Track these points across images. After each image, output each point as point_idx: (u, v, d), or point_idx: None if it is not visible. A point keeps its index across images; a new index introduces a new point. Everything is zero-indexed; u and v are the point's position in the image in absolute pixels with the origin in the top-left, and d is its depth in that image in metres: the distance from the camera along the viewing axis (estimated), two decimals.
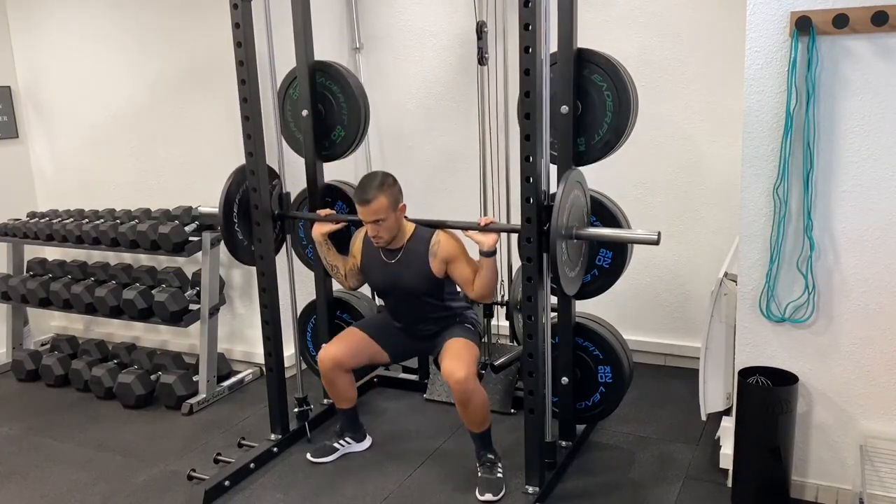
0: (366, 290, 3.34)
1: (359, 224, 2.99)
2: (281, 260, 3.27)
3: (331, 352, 3.00)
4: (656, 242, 2.54)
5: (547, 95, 2.53)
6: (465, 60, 3.97)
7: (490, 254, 2.76)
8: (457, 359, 2.80)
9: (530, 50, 2.42)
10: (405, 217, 2.94)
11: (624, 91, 2.71)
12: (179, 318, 3.79)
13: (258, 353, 3.77)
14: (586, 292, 2.98)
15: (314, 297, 3.48)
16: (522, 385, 3.02)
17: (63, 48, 4.39)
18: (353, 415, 3.20)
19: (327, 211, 3.13)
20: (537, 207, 2.51)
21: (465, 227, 2.82)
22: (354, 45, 4.32)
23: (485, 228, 2.76)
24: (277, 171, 3.20)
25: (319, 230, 3.07)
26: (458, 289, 3.01)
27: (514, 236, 3.41)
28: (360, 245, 3.07)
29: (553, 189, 2.57)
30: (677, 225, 3.81)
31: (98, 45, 4.26)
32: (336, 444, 3.19)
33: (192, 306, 3.84)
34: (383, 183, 2.81)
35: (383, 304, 3.19)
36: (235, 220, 3.13)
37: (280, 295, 3.23)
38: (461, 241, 2.91)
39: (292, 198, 3.35)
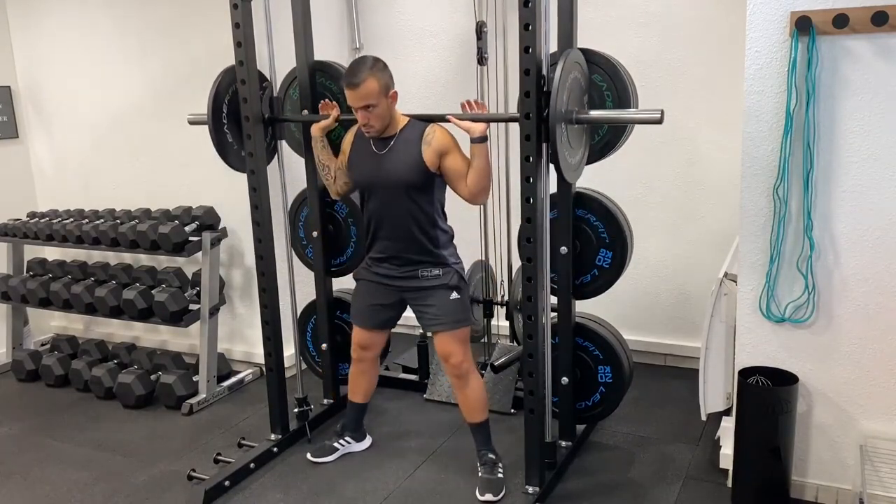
0: None
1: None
2: (281, 260, 3.27)
3: (358, 342, 3.04)
4: (659, 121, 2.46)
5: (547, 38, 2.50)
6: (465, 60, 3.97)
7: (481, 139, 2.65)
8: (451, 341, 2.81)
9: (530, 50, 2.42)
10: (401, 114, 2.83)
11: (624, 91, 2.71)
12: (179, 318, 3.79)
13: (258, 353, 3.77)
14: (586, 292, 2.98)
15: (314, 297, 3.48)
16: (522, 385, 3.02)
17: (63, 48, 4.39)
18: (363, 412, 3.22)
19: (330, 105, 3.01)
20: (536, 94, 2.44)
21: (453, 122, 2.71)
22: (354, 45, 4.32)
23: (474, 119, 2.66)
24: (268, 76, 3.14)
25: (318, 125, 2.98)
26: (447, 214, 2.88)
27: (514, 237, 3.41)
28: (350, 140, 2.93)
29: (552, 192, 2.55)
30: (677, 225, 3.81)
31: (98, 45, 4.26)
32: (336, 444, 3.19)
33: (192, 306, 3.84)
34: (374, 65, 2.65)
35: (367, 221, 2.89)
36: (225, 122, 3.05)
37: (280, 295, 3.22)
38: (456, 138, 2.78)
39: (290, 199, 3.35)
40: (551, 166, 2.53)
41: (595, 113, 2.64)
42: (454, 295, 2.84)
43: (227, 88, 3.04)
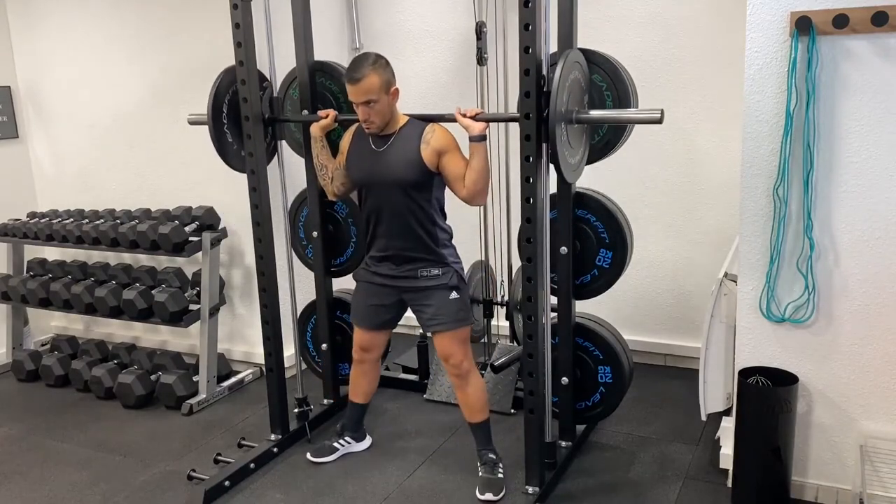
0: None
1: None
2: (281, 261, 3.27)
3: (359, 345, 3.04)
4: (659, 121, 2.46)
5: (547, 35, 2.50)
6: (465, 60, 3.97)
7: (479, 139, 2.65)
8: (451, 341, 2.81)
9: (530, 50, 2.42)
10: (402, 114, 2.83)
11: (624, 91, 2.72)
12: (179, 318, 3.79)
13: (258, 353, 3.77)
14: (586, 292, 2.98)
15: (314, 297, 3.48)
16: (522, 385, 3.02)
17: (63, 48, 4.39)
18: (363, 413, 3.22)
19: (328, 111, 3.00)
20: (536, 94, 2.44)
21: (455, 117, 2.71)
22: (354, 45, 4.32)
23: (475, 118, 2.66)
24: (268, 76, 3.15)
25: (318, 125, 2.97)
26: (446, 213, 2.88)
27: (514, 237, 3.41)
28: (348, 139, 2.92)
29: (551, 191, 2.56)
30: (677, 225, 3.81)
31: (98, 45, 4.26)
32: (336, 444, 3.19)
33: (192, 306, 3.84)
34: (376, 62, 2.66)
35: (365, 221, 2.89)
36: (225, 122, 3.05)
37: (280, 295, 3.22)
38: (455, 138, 2.78)
39: (290, 199, 3.35)
40: (551, 166, 2.53)
41: (595, 113, 2.64)
42: (454, 295, 2.83)
43: (227, 89, 3.04)
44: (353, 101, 2.70)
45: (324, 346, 3.49)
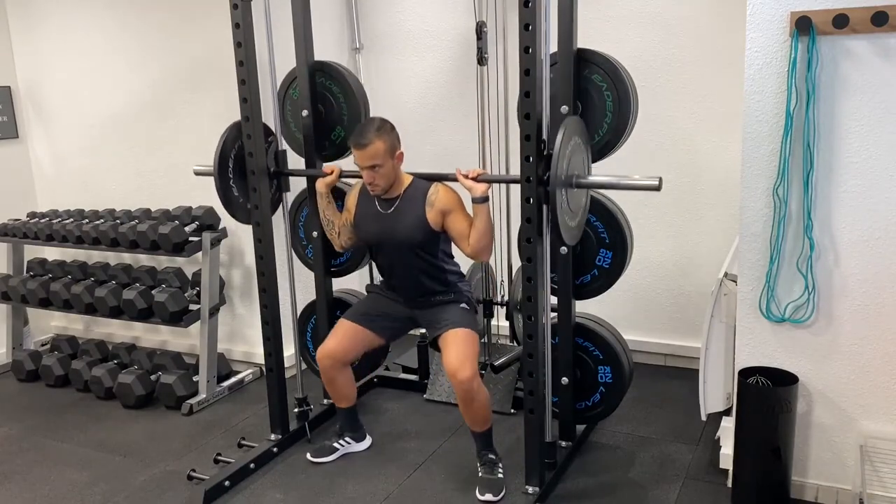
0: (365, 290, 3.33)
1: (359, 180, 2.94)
2: (281, 260, 3.27)
3: (327, 349, 2.99)
4: (657, 188, 2.48)
5: (547, 95, 2.53)
6: (465, 60, 3.97)
7: (482, 200, 2.72)
8: (461, 355, 2.77)
9: (530, 50, 2.42)
10: (405, 172, 2.90)
11: (624, 91, 2.72)
12: (179, 318, 3.79)
13: (258, 353, 3.76)
14: (586, 292, 2.98)
15: (314, 297, 3.48)
16: (522, 385, 3.02)
17: (63, 48, 4.39)
18: (353, 414, 3.20)
19: (332, 166, 3.05)
20: (537, 157, 2.48)
21: (458, 178, 2.77)
22: (354, 45, 4.32)
23: (477, 179, 2.73)
24: (273, 128, 3.18)
25: (323, 181, 3.03)
26: (453, 254, 2.96)
27: (514, 237, 3.41)
28: (355, 198, 3.00)
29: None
30: (677, 225, 3.81)
31: (98, 45, 4.26)
32: (336, 444, 3.19)
33: (192, 306, 3.84)
34: (381, 127, 2.77)
35: (376, 266, 3.11)
36: (231, 177, 3.09)
37: (280, 295, 3.22)
38: (460, 196, 2.86)
39: (290, 200, 3.35)
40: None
41: (594, 178, 2.66)
42: (464, 306, 2.97)
43: (233, 143, 3.08)
44: (358, 165, 2.78)
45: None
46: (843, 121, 2.41)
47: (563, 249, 2.88)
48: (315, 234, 3.34)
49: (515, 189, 2.91)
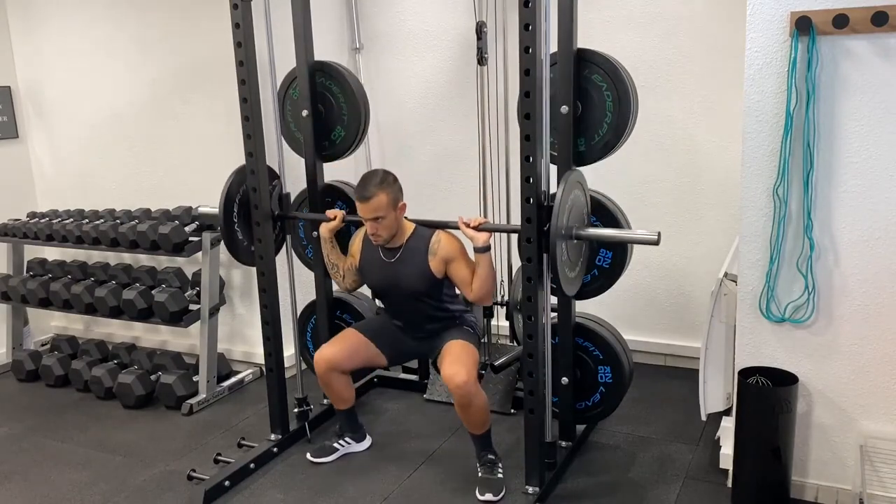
0: (366, 290, 3.33)
1: (361, 224, 2.99)
2: (281, 260, 3.27)
3: (326, 354, 3.00)
4: (656, 243, 2.54)
5: (547, 95, 2.53)
6: (465, 60, 3.97)
7: (484, 249, 2.76)
8: (457, 362, 2.79)
9: (530, 50, 2.42)
10: (406, 218, 2.94)
11: (624, 91, 2.71)
12: (179, 318, 3.79)
13: (258, 353, 3.77)
14: (586, 292, 2.98)
15: (314, 297, 3.48)
16: (522, 385, 3.02)
17: (63, 48, 4.39)
18: (352, 415, 3.20)
19: (335, 212, 3.07)
20: (537, 207, 2.51)
21: (460, 227, 2.81)
22: (354, 45, 4.32)
23: (479, 228, 2.77)
24: (278, 171, 3.20)
25: (327, 227, 3.06)
26: (458, 291, 3.00)
27: (515, 236, 3.41)
28: (359, 245, 3.07)
29: (553, 189, 2.57)
30: (677, 225, 3.81)
31: (98, 44, 4.26)
32: (336, 444, 3.19)
33: (192, 306, 3.84)
34: (384, 181, 2.81)
35: (382, 305, 3.19)
36: (236, 221, 3.13)
37: (280, 295, 3.23)
38: (461, 242, 2.91)
39: (292, 198, 3.35)
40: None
41: (593, 231, 2.73)
42: (466, 328, 3.04)
43: (238, 188, 3.11)
44: (361, 217, 2.83)
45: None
46: (843, 121, 2.41)
47: None
48: (315, 233, 3.34)
49: (515, 191, 2.91)
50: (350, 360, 3.02)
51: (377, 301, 3.39)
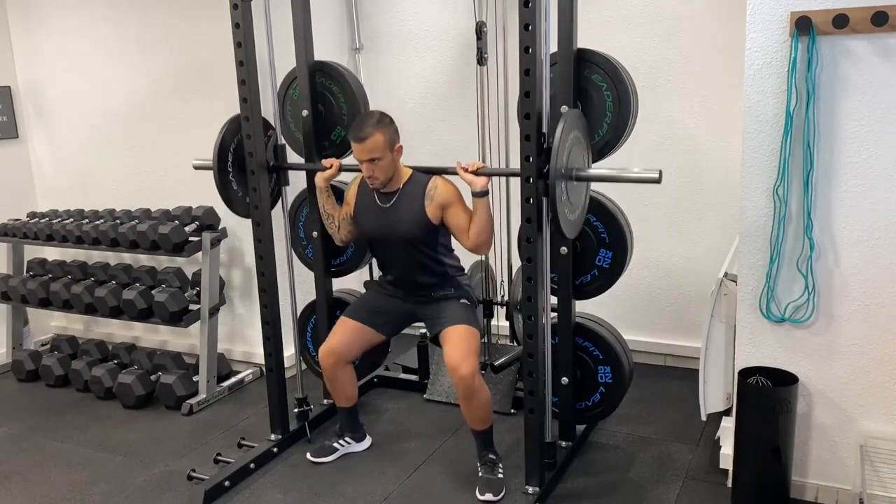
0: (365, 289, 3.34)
1: (357, 174, 2.96)
2: (281, 260, 3.27)
3: (329, 347, 2.99)
4: (657, 181, 2.47)
5: (547, 95, 2.53)
6: (465, 60, 3.97)
7: (482, 194, 2.72)
8: (462, 352, 2.77)
9: (530, 50, 2.42)
10: (404, 166, 2.91)
11: (624, 91, 2.72)
12: (179, 318, 3.79)
13: (258, 353, 3.77)
14: (586, 292, 2.98)
15: (314, 297, 3.48)
16: (522, 385, 3.02)
17: (63, 48, 4.39)
18: (354, 414, 3.20)
19: (332, 160, 3.05)
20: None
21: (458, 171, 2.77)
22: (354, 45, 4.32)
23: (477, 172, 2.73)
24: (272, 122, 3.18)
25: (322, 175, 3.03)
26: (453, 247, 2.96)
27: (514, 235, 3.41)
28: (354, 191, 3.01)
29: None
30: (677, 225, 3.81)
31: (98, 44, 4.26)
32: (336, 444, 3.19)
33: (192, 306, 3.84)
34: (380, 121, 2.77)
35: (375, 259, 3.14)
36: (230, 170, 3.09)
37: (280, 295, 3.22)
38: (459, 189, 2.86)
39: (290, 199, 3.35)
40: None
41: (594, 171, 2.66)
42: (464, 301, 2.96)
43: (232, 137, 3.08)
44: (357, 159, 2.78)
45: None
46: (843, 121, 2.41)
47: (563, 250, 2.88)
48: (315, 234, 3.34)
49: (515, 186, 2.92)
50: (352, 348, 3.02)
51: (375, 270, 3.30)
